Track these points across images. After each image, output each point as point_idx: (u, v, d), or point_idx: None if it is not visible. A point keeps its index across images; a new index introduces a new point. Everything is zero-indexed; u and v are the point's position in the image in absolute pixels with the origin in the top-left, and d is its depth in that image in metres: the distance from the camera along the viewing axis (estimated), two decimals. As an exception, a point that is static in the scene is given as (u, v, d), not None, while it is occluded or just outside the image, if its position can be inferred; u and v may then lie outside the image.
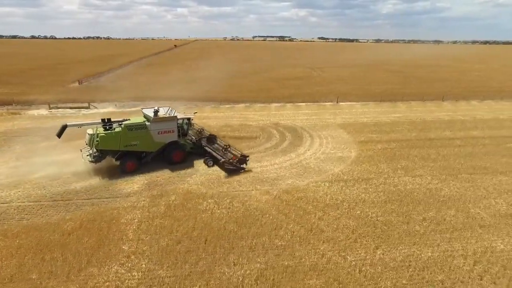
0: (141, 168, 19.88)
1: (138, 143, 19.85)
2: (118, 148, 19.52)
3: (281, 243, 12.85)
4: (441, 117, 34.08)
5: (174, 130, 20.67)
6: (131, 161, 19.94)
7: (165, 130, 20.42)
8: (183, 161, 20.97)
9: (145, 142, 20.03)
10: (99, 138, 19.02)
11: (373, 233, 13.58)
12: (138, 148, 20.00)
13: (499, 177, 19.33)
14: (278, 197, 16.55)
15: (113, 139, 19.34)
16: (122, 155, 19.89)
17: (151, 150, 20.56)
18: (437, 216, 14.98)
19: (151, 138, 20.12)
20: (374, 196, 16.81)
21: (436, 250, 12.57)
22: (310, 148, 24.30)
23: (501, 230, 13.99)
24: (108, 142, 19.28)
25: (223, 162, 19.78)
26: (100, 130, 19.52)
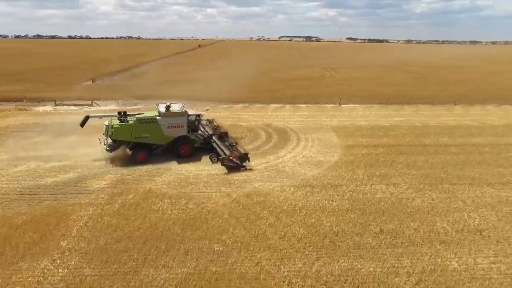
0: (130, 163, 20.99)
1: (148, 135, 21.17)
2: (130, 139, 21.00)
3: (220, 248, 12.54)
4: (447, 122, 32.08)
5: (183, 125, 21.65)
6: (142, 152, 21.34)
7: (174, 125, 21.46)
8: (191, 155, 21.80)
9: (155, 135, 21.27)
10: (113, 129, 20.72)
11: (320, 244, 12.91)
12: (148, 140, 21.34)
13: (485, 189, 17.83)
14: (237, 201, 16.21)
15: (126, 131, 20.86)
16: (135, 146, 21.30)
17: (161, 143, 21.77)
18: (397, 228, 14.01)
19: (161, 132, 21.28)
20: (337, 204, 16.03)
21: (381, 266, 11.73)
22: (292, 151, 23.69)
23: (463, 247, 12.85)
24: (121, 133, 20.86)
25: (222, 159, 19.87)
26: (115, 122, 21.25)
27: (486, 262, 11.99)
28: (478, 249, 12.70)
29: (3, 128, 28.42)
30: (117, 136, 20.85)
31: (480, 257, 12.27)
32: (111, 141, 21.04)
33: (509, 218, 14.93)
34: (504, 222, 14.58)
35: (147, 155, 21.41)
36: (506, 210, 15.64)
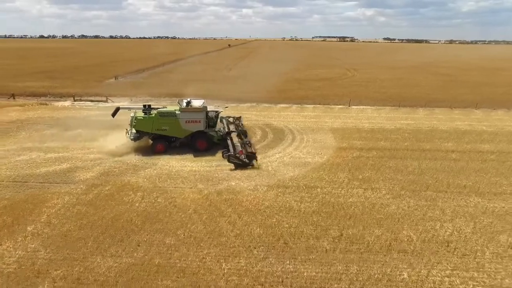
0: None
1: (168, 128, 22.54)
2: (151, 131, 22.60)
3: (171, 242, 12.83)
4: (459, 127, 30.16)
5: (201, 121, 22.62)
6: (160, 143, 22.80)
7: (192, 120, 22.55)
8: (207, 150, 22.75)
9: (174, 128, 22.55)
10: (136, 120, 22.47)
11: (272, 244, 12.78)
12: (167, 133, 22.71)
13: (472, 199, 16.64)
14: (206, 197, 16.44)
15: (147, 123, 22.46)
16: (156, 138, 22.81)
17: (179, 136, 23.05)
18: (358, 234, 13.51)
19: (179, 126, 22.51)
20: (305, 206, 15.73)
21: (326, 271, 11.40)
22: (282, 151, 23.51)
23: (422, 258, 12.12)
24: (143, 125, 22.53)
25: (228, 156, 20.20)
26: (139, 114, 22.91)
27: (440, 275, 11.26)
28: (437, 261, 11.94)
29: (22, 120, 30.76)
30: (140, 127, 22.59)
31: (436, 269, 11.53)
32: (135, 131, 22.72)
33: (486, 230, 13.86)
34: (478, 235, 13.57)
35: (165, 147, 22.80)
36: (486, 222, 14.53)
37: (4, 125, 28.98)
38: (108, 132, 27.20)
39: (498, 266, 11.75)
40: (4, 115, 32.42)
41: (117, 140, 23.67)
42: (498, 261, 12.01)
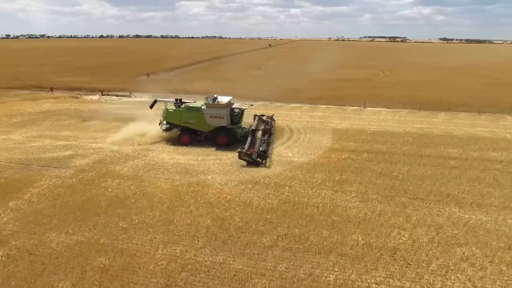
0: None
1: (193, 122, 23.82)
2: (179, 123, 24.13)
3: (124, 225, 13.78)
4: (476, 133, 27.74)
5: (223, 117, 23.44)
6: (186, 135, 24.18)
7: (216, 115, 23.48)
8: (228, 145, 23.44)
9: (199, 122, 23.77)
10: (167, 112, 24.19)
11: (215, 236, 13.15)
12: (193, 126, 24.00)
13: (448, 208, 15.48)
14: (176, 188, 17.22)
15: (176, 115, 24.03)
16: (184, 130, 24.26)
17: (204, 130, 24.22)
18: (305, 234, 13.35)
19: (204, 120, 23.64)
20: (266, 202, 15.82)
21: (253, 265, 11.52)
22: (272, 149, 23.59)
23: (359, 263, 11.70)
24: (172, 117, 24.13)
25: (239, 152, 20.63)
26: (171, 107, 24.56)
27: (370, 281, 10.84)
28: (373, 267, 11.48)
29: (50, 111, 34.20)
30: (169, 119, 24.24)
31: (368, 275, 11.11)
32: (166, 123, 24.46)
33: (446, 242, 12.91)
34: (434, 245, 12.70)
35: (190, 139, 24.12)
36: (451, 233, 13.51)
37: (34, 115, 32.49)
38: (120, 124, 29.44)
39: (438, 278, 10.99)
40: (38, 106, 36.28)
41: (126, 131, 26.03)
42: (440, 273, 11.21)
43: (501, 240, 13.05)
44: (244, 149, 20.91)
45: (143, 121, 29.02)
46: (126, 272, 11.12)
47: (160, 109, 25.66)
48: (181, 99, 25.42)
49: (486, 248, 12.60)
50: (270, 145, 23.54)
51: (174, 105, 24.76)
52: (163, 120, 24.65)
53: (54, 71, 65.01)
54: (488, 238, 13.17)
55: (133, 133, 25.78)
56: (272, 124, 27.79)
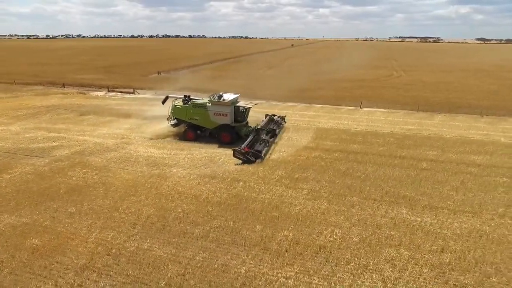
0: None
1: (199, 118, 24.36)
2: (185, 119, 24.79)
3: (72, 211, 14.60)
4: (468, 136, 26.45)
5: (227, 114, 23.71)
6: (191, 131, 24.82)
7: (219, 113, 23.81)
8: (231, 143, 23.16)
9: (204, 119, 24.26)
10: (174, 108, 24.99)
11: (153, 225, 13.64)
12: (198, 122, 24.54)
13: (397, 210, 15.05)
14: (136, 179, 17.92)
15: (182, 111, 24.76)
16: (190, 126, 24.91)
17: (208, 127, 24.57)
18: (239, 227, 13.53)
19: (208, 117, 24.09)
20: (215, 195, 16.12)
21: (174, 253, 11.87)
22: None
23: (278, 257, 11.72)
24: (179, 113, 24.89)
25: (233, 150, 20.72)
26: (179, 103, 25.28)
27: (280, 275, 10.85)
28: (290, 263, 11.46)
29: (55, 105, 36.36)
30: (176, 114, 25.00)
31: (281, 269, 11.14)
32: (174, 118, 25.25)
33: (378, 242, 12.62)
34: (364, 245, 12.47)
35: (194, 135, 24.74)
36: (387, 234, 13.17)
37: (39, 108, 34.69)
38: (113, 119, 30.90)
39: (350, 277, 10.85)
40: (46, 101, 38.68)
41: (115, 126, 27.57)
42: (355, 272, 11.05)
43: (436, 243, 12.59)
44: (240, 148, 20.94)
45: (137, 118, 30.45)
46: (55, 253, 11.90)
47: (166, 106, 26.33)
48: (189, 96, 25.95)
49: (416, 250, 12.21)
50: (270, 145, 23.16)
51: (182, 101, 25.36)
52: (171, 115, 25.38)
53: (75, 69, 68.73)
54: (423, 241, 12.74)
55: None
56: (282, 124, 28.01)
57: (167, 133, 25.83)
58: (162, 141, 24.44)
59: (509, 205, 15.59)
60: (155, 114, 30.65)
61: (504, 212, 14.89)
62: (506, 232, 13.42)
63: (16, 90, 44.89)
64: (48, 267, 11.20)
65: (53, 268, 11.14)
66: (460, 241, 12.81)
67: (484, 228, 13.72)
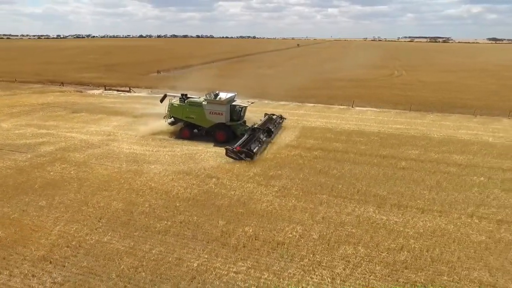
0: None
1: (195, 117, 24.30)
2: (181, 117, 24.74)
3: (42, 204, 14.89)
4: (454, 135, 26.07)
5: (223, 113, 23.58)
6: (186, 129, 24.76)
7: (215, 112, 23.70)
8: (227, 141, 23.01)
9: (200, 117, 24.19)
10: (171, 107, 24.92)
11: (119, 219, 13.85)
12: (194, 121, 24.48)
13: (364, 208, 14.97)
14: (111, 175, 18.17)
15: (179, 110, 24.70)
16: (187, 124, 24.84)
17: (204, 126, 24.46)
18: (202, 222, 13.65)
19: (204, 116, 24.03)
20: (185, 191, 16.26)
21: (131, 246, 12.05)
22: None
23: (234, 252, 11.83)
24: (176, 111, 24.81)
25: (226, 149, 20.74)
26: (176, 101, 25.23)
27: (231, 270, 10.96)
28: (245, 258, 11.54)
29: (50, 103, 36.97)
30: (173, 113, 24.91)
31: (235, 264, 11.23)
32: (170, 117, 25.16)
33: (337, 239, 12.59)
34: (322, 242, 12.46)
35: (190, 133, 24.66)
36: (348, 231, 13.13)
37: (34, 106, 35.33)
38: (103, 117, 31.35)
39: (301, 273, 10.86)
40: (43, 99, 39.38)
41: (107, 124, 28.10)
42: (307, 269, 11.05)
43: (396, 242, 12.51)
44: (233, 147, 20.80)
45: (127, 116, 30.84)
46: (16, 244, 12.18)
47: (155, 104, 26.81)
48: (186, 94, 25.91)
49: (374, 248, 12.16)
50: (264, 144, 22.91)
51: (179, 100, 25.31)
52: (168, 114, 25.24)
53: (77, 68, 69.73)
54: (384, 239, 12.67)
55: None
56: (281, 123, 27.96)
57: (154, 131, 26.11)
58: (146, 138, 24.70)
59: (481, 204, 15.39)
60: (146, 112, 31.23)
61: (473, 212, 14.70)
62: (470, 231, 13.26)
63: (15, 88, 45.83)
64: (7, 258, 11.47)
65: (11, 259, 11.41)
66: (421, 239, 12.70)
67: (448, 227, 13.57)
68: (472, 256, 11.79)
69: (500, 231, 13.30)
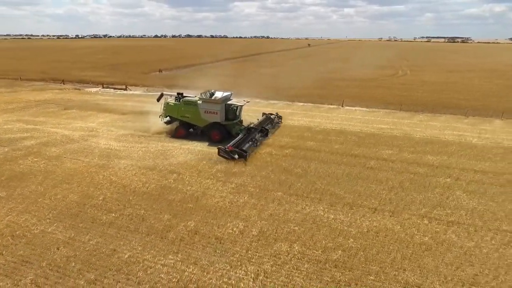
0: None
1: (190, 116, 24.16)
2: (177, 116, 24.62)
3: (2, 195, 15.40)
4: (437, 136, 25.41)
5: (217, 112, 23.37)
6: (181, 128, 24.64)
7: (210, 111, 23.53)
8: (222, 141, 22.72)
9: (194, 117, 24.05)
10: (166, 106, 24.88)
11: (69, 210, 14.21)
12: (189, 120, 24.38)
13: (315, 206, 14.79)
14: (77, 168, 18.56)
15: (174, 109, 24.58)
16: (182, 123, 24.75)
17: (199, 125, 24.38)
18: (147, 216, 13.84)
19: (199, 115, 23.86)
20: (143, 186, 16.49)
21: (71, 237, 12.32)
22: (202, 142, 24.08)
23: (169, 245, 11.95)
24: (171, 111, 24.72)
25: (218, 149, 20.27)
26: (171, 100, 25.15)
27: (159, 262, 11.08)
28: (177, 251, 11.66)
29: (46, 100, 38.07)
30: (168, 112, 24.79)
31: (165, 257, 11.35)
32: (166, 116, 25.00)
33: (276, 236, 12.52)
34: (259, 238, 12.40)
35: (185, 132, 24.50)
36: (289, 229, 13.01)
37: (30, 103, 36.50)
38: (92, 113, 32.12)
39: (227, 267, 10.88)
40: (40, 96, 40.60)
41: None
42: (236, 264, 11.04)
43: (335, 241, 12.34)
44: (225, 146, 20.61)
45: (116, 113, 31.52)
46: (-39, 232, 12.70)
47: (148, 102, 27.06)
48: (182, 93, 25.70)
49: (310, 246, 12.03)
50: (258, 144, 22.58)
51: (174, 99, 25.17)
52: (163, 113, 25.11)
53: (83, 67, 71.48)
54: (323, 238, 12.51)
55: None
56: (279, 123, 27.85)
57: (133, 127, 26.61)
58: (126, 135, 25.15)
59: (437, 205, 14.99)
60: (135, 110, 31.83)
61: (426, 213, 14.34)
62: (415, 232, 12.94)
63: (18, 85, 47.44)
64: (-51, 245, 11.97)
65: (-47, 245, 11.90)
66: (361, 239, 12.49)
67: (395, 227, 13.29)
68: (409, 257, 11.51)
69: (447, 233, 12.93)
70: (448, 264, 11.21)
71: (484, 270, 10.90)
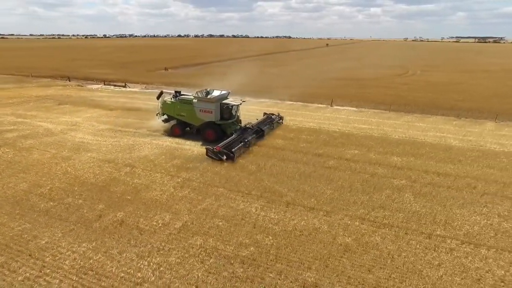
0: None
1: (185, 115, 24.05)
2: (173, 115, 24.61)
3: (-39, 182, 16.40)
4: (417, 137, 24.40)
5: (212, 111, 23.03)
6: (177, 127, 24.53)
7: (205, 110, 23.25)
8: (216, 140, 22.24)
9: (190, 115, 23.88)
10: (163, 104, 24.99)
11: (20, 199, 14.73)
12: (185, 119, 24.24)
13: (251, 203, 14.61)
14: (41, 159, 19.25)
15: (171, 108, 24.56)
16: (179, 122, 24.65)
17: (195, 124, 24.23)
18: (83, 205, 14.23)
19: (194, 114, 23.67)
20: (94, 177, 16.95)
21: (3, 224, 12.93)
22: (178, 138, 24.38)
23: (99, 234, 12.24)
24: (168, 109, 24.75)
25: (206, 149, 20.22)
26: (168, 99, 25.02)
27: (78, 250, 11.35)
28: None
29: (47, 95, 39.80)
30: (165, 110, 24.84)
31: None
32: (163, 114, 25.05)
33: (197, 231, 12.51)
34: (177, 231, 12.45)
35: (181, 131, 24.39)
36: (214, 224, 12.95)
37: (31, 98, 38.32)
38: (83, 109, 33.29)
39: (134, 256, 11.00)
40: (43, 91, 42.53)
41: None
42: (142, 254, 11.14)
43: (253, 237, 12.14)
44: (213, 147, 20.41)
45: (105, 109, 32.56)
46: None
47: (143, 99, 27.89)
48: (179, 91, 25.55)
49: (226, 241, 11.89)
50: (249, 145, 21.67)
51: (172, 96, 25.00)
52: (160, 111, 25.14)
53: (95, 65, 74.16)
54: (243, 234, 12.34)
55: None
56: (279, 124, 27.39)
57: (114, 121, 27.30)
58: (104, 129, 25.89)
59: (379, 207, 14.44)
60: (125, 106, 32.75)
61: (362, 214, 13.84)
62: (341, 233, 12.54)
63: (26, 82, 49.91)
64: None
65: None
66: (280, 237, 12.24)
67: (322, 227, 12.93)
68: (319, 257, 11.18)
69: (374, 235, 12.44)
70: (359, 266, 10.80)
71: (392, 274, 10.42)
